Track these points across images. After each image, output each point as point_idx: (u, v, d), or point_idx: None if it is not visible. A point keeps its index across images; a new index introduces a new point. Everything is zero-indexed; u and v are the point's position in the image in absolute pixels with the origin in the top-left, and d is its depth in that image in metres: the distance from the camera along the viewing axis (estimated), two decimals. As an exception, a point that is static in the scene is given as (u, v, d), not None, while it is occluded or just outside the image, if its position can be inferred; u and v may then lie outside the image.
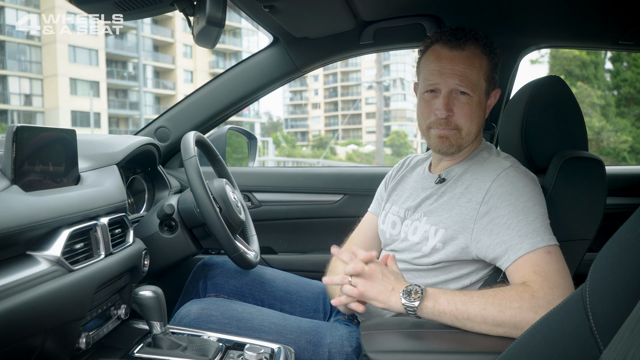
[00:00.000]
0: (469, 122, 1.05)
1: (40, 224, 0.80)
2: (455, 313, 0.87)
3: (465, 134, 1.06)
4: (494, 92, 1.11)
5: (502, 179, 0.99)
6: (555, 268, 0.90)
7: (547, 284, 0.87)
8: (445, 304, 0.88)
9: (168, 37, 33.07)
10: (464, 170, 1.08)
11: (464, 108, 1.04)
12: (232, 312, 1.13)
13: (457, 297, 0.89)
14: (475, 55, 1.04)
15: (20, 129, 0.82)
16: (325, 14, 1.39)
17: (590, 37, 1.59)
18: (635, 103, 15.12)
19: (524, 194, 0.96)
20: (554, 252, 0.91)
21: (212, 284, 1.32)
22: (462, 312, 0.87)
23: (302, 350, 1.09)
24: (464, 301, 0.88)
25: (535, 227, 0.93)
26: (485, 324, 0.86)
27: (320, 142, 41.59)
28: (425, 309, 0.88)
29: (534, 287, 0.87)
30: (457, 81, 1.03)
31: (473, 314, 0.86)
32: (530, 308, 0.85)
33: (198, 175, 1.18)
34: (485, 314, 0.86)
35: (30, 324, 0.73)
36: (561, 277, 0.89)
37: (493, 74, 1.08)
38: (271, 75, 1.67)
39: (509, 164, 1.03)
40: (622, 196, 1.70)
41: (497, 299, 0.87)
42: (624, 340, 0.44)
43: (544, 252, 0.91)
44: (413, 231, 1.09)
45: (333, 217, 1.73)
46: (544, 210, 0.96)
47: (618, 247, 0.56)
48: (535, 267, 0.90)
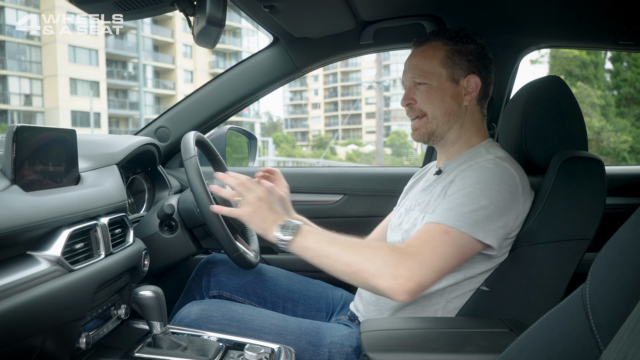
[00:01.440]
0: (430, 106, 1.11)
1: (41, 224, 0.80)
2: (317, 250, 0.95)
3: (432, 118, 1.12)
4: (466, 78, 1.11)
5: (475, 165, 1.02)
6: (435, 244, 0.92)
7: (414, 249, 0.92)
8: (312, 241, 0.95)
9: (168, 37, 33.08)
10: (459, 164, 1.10)
11: (422, 95, 1.11)
12: (233, 314, 1.13)
13: (325, 238, 0.96)
14: (432, 48, 1.11)
15: (20, 129, 0.82)
16: (325, 14, 1.39)
17: (590, 37, 1.59)
18: (635, 103, 15.12)
19: (480, 182, 0.98)
20: (453, 235, 0.93)
21: (216, 281, 1.33)
22: (323, 250, 0.94)
23: (302, 350, 1.09)
24: (329, 241, 0.95)
25: (459, 210, 0.95)
26: (338, 262, 0.93)
27: (320, 142, 41.60)
28: (295, 243, 0.96)
29: (402, 245, 0.93)
30: (411, 74, 1.12)
31: (332, 253, 0.94)
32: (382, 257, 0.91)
33: (198, 175, 1.18)
34: (342, 254, 0.93)
35: (30, 324, 0.73)
36: (432, 252, 0.91)
37: (455, 60, 1.10)
38: (271, 75, 1.67)
39: (491, 157, 1.04)
40: (622, 196, 1.70)
41: (362, 245, 0.95)
42: (624, 340, 0.44)
43: (442, 228, 0.94)
44: (407, 220, 1.14)
45: (333, 217, 1.73)
46: (488, 203, 0.95)
47: (618, 247, 0.56)
48: (423, 234, 0.94)
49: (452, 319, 1.03)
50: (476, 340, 0.86)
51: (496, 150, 1.09)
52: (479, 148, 1.12)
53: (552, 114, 1.10)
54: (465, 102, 1.12)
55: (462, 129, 1.14)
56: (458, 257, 0.94)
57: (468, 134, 1.14)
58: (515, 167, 1.04)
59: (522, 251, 1.03)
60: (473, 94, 1.12)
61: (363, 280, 0.91)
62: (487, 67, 1.14)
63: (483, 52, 1.13)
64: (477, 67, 1.12)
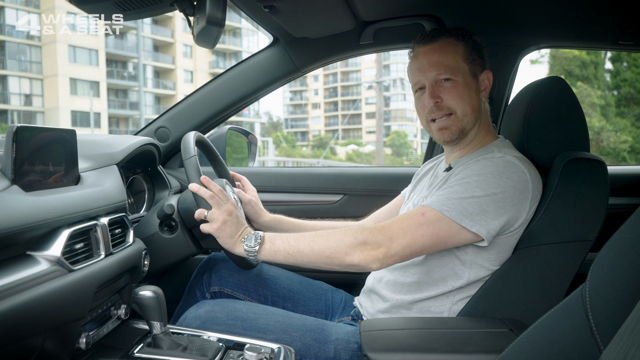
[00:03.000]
0: (460, 103, 1.09)
1: (41, 224, 0.80)
2: (288, 249, 0.97)
3: (462, 116, 1.10)
4: (483, 74, 1.13)
5: (481, 160, 1.03)
6: (408, 223, 0.94)
7: (383, 225, 0.95)
8: (280, 243, 0.99)
9: (168, 37, 33.07)
10: (469, 161, 1.09)
11: (450, 91, 1.09)
12: (237, 313, 1.13)
13: (292, 237, 0.99)
14: (448, 43, 1.10)
15: (20, 129, 0.82)
16: (325, 14, 1.39)
17: (590, 37, 1.59)
18: (635, 103, 15.12)
19: (479, 175, 0.98)
20: (430, 216, 0.94)
21: (217, 277, 1.32)
22: (293, 247, 0.97)
23: (308, 347, 1.09)
24: (296, 238, 0.98)
25: (448, 196, 0.96)
26: (312, 253, 0.95)
27: (320, 142, 41.60)
28: (263, 251, 0.99)
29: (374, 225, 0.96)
30: (436, 71, 1.09)
31: (303, 247, 0.96)
32: (352, 234, 0.94)
33: (198, 175, 1.18)
34: (313, 245, 0.96)
35: (30, 324, 0.73)
36: (401, 229, 0.94)
37: (473, 56, 1.11)
38: (271, 75, 1.67)
39: (501, 154, 1.04)
40: (622, 196, 1.69)
41: (330, 233, 0.97)
42: (624, 340, 0.44)
43: (420, 210, 0.96)
44: None
45: (333, 217, 1.73)
46: (482, 194, 0.96)
47: (618, 247, 0.56)
48: (402, 216, 0.97)
49: (452, 319, 1.03)
50: (476, 340, 0.86)
51: (509, 150, 1.08)
52: (491, 147, 1.11)
53: (554, 114, 1.10)
54: (483, 98, 1.13)
55: (481, 126, 1.14)
56: (432, 238, 0.95)
57: (482, 131, 1.15)
58: (529, 166, 1.03)
59: (524, 252, 1.03)
60: (487, 90, 1.13)
61: (339, 262, 0.95)
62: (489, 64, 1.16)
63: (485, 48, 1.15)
64: (488, 63, 1.14)
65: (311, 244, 0.96)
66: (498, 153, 1.05)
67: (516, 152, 1.08)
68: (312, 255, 0.96)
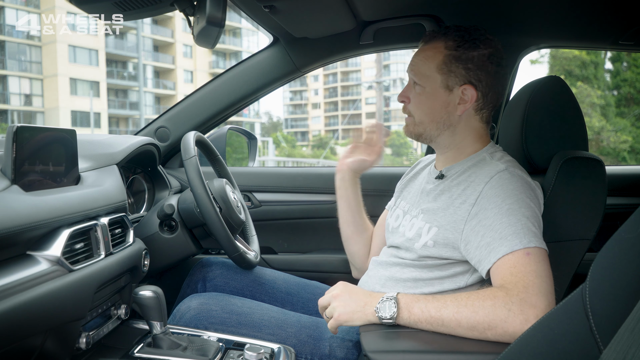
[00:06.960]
0: (418, 110, 1.10)
1: (41, 224, 0.80)
2: (430, 320, 0.88)
3: (418, 122, 1.11)
4: (461, 88, 1.05)
5: (494, 181, 0.99)
6: (532, 269, 0.88)
7: (522, 283, 0.87)
8: (419, 312, 0.89)
9: (168, 37, 33.08)
10: (463, 170, 1.07)
11: (415, 97, 1.11)
12: (232, 307, 1.13)
13: (431, 304, 0.89)
14: (434, 49, 1.08)
15: (20, 129, 0.82)
16: (325, 14, 1.39)
17: (590, 37, 1.59)
18: (635, 103, 15.13)
19: (511, 196, 0.96)
20: (535, 254, 0.90)
21: (212, 285, 1.32)
22: (436, 319, 0.88)
23: (303, 344, 1.09)
24: (437, 307, 0.88)
25: (516, 229, 0.92)
26: (460, 327, 0.86)
27: (320, 142, 41.61)
28: (401, 320, 0.90)
29: (508, 286, 0.87)
30: (411, 72, 1.11)
31: (447, 320, 0.87)
32: (503, 305, 0.85)
33: (198, 175, 1.18)
34: (459, 317, 0.86)
35: (30, 324, 0.73)
36: (537, 277, 0.87)
37: (452, 68, 1.05)
38: (271, 75, 1.67)
39: (504, 166, 1.01)
40: (622, 196, 1.70)
41: (471, 300, 0.87)
42: (624, 340, 0.44)
43: (522, 254, 0.90)
44: (410, 227, 1.10)
45: (333, 217, 1.73)
46: (532, 213, 0.94)
47: (618, 247, 0.56)
48: (512, 268, 0.89)
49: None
50: (476, 340, 0.86)
51: (501, 155, 1.07)
52: (482, 154, 1.09)
53: (553, 114, 1.10)
54: (458, 112, 1.07)
55: (455, 136, 1.10)
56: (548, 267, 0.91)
57: (465, 140, 1.10)
58: (525, 172, 1.03)
59: None
60: (468, 104, 1.06)
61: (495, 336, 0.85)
62: (491, 76, 1.06)
63: (488, 59, 1.06)
64: (476, 77, 1.05)
65: (456, 316, 0.87)
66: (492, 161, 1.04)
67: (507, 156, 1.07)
68: (460, 329, 0.87)
